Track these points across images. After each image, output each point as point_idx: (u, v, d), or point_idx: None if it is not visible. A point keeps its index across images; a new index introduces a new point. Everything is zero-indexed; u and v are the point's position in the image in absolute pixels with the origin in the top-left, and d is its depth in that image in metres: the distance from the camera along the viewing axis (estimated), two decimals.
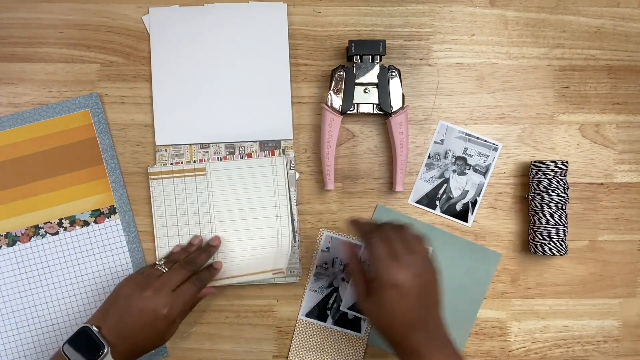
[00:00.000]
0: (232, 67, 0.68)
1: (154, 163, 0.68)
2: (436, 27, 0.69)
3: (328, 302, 0.68)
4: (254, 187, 0.67)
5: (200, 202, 0.67)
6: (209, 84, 0.68)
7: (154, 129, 0.68)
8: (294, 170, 0.68)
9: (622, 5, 0.70)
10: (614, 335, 0.70)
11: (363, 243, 0.60)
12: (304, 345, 0.68)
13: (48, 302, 0.66)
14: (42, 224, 0.67)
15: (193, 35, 0.68)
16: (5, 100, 0.67)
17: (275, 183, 0.67)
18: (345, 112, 0.66)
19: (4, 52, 0.68)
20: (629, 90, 0.70)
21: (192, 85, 0.68)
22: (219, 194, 0.67)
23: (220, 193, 0.67)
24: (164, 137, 0.67)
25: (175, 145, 0.67)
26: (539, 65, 0.70)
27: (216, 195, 0.67)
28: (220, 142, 0.68)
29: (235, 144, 0.67)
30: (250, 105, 0.68)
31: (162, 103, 0.68)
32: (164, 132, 0.67)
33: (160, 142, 0.67)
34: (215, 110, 0.68)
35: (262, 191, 0.67)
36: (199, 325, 0.68)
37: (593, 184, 0.70)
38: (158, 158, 0.67)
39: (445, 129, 0.69)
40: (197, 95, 0.68)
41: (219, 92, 0.68)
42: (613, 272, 0.70)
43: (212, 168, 0.67)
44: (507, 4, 0.70)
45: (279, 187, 0.67)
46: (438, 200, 0.69)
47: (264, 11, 0.68)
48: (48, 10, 0.68)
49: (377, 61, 0.65)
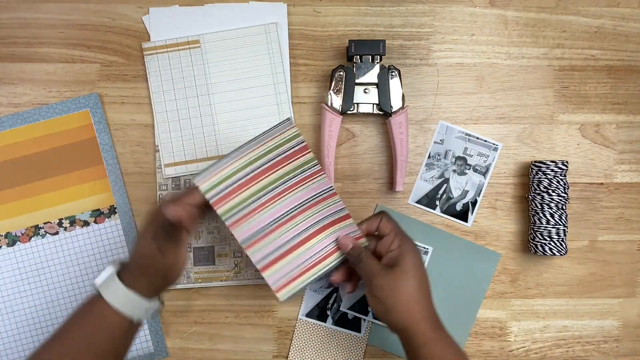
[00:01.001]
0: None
1: (154, 163, 0.68)
2: (436, 27, 0.69)
3: (328, 302, 0.68)
4: (248, 56, 0.68)
5: (196, 75, 0.67)
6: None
7: (153, 129, 0.68)
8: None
9: (622, 5, 0.70)
10: (614, 335, 0.70)
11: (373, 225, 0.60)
12: (304, 346, 0.68)
13: (48, 302, 0.66)
14: (42, 224, 0.67)
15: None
16: (5, 100, 0.67)
17: (269, 50, 0.67)
18: (345, 112, 0.66)
19: (4, 52, 0.68)
20: (629, 90, 0.70)
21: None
22: (215, 65, 0.67)
23: (215, 64, 0.67)
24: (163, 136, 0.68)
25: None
26: (539, 65, 0.70)
27: (212, 66, 0.67)
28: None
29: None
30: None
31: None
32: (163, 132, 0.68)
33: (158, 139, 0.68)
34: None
35: (257, 59, 0.68)
36: (199, 325, 0.68)
37: (593, 184, 0.70)
38: (158, 158, 0.68)
39: (445, 129, 0.68)
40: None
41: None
42: (613, 272, 0.70)
43: (205, 40, 0.67)
44: (507, 4, 0.70)
45: (273, 54, 0.67)
46: (438, 200, 0.69)
47: (264, 11, 0.68)
48: (48, 10, 0.68)
49: (377, 61, 0.65)
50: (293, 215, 0.57)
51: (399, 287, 0.54)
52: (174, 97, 0.68)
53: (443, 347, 0.53)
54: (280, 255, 0.57)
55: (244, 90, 0.68)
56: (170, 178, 0.68)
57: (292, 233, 0.57)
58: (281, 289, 0.57)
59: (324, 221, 0.58)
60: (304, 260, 0.58)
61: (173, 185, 0.68)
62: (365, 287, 0.57)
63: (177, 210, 0.54)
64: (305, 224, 0.58)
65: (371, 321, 0.68)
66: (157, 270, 0.55)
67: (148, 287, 0.54)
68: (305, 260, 0.58)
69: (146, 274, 0.55)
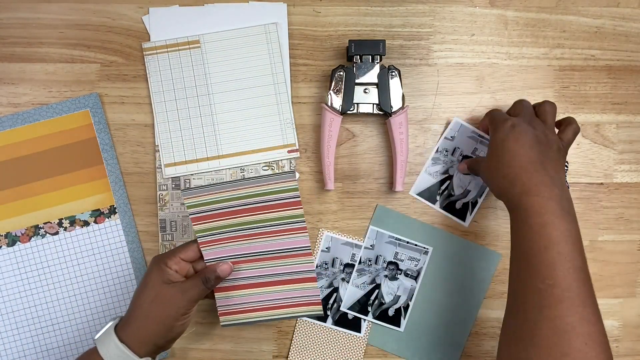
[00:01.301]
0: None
1: (154, 163, 0.68)
2: (436, 27, 0.69)
3: (328, 302, 0.68)
4: (249, 56, 0.68)
5: (196, 75, 0.67)
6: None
7: (153, 129, 0.68)
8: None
9: (622, 5, 0.70)
10: (614, 335, 0.70)
11: (489, 114, 0.65)
12: (304, 345, 0.68)
13: (48, 302, 0.66)
14: (42, 224, 0.67)
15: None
16: (5, 100, 0.67)
17: (270, 50, 0.67)
18: (345, 112, 0.66)
19: (4, 52, 0.68)
20: (629, 90, 0.70)
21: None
22: (215, 65, 0.67)
23: (215, 64, 0.67)
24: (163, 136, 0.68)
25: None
26: (539, 65, 0.70)
27: (212, 66, 0.67)
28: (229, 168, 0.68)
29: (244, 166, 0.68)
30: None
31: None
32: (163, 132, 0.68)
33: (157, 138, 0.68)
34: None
35: (257, 59, 0.68)
36: (199, 325, 0.68)
37: (593, 184, 0.70)
38: (158, 158, 0.68)
39: (459, 126, 0.68)
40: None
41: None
42: (613, 272, 0.70)
43: (205, 40, 0.67)
44: (507, 4, 0.70)
45: (273, 54, 0.67)
46: (439, 195, 0.69)
47: (264, 11, 0.68)
48: (48, 10, 0.68)
49: (377, 61, 0.65)
50: (263, 258, 0.59)
51: (496, 156, 0.57)
52: (174, 97, 0.68)
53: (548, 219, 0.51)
54: (238, 285, 0.59)
55: (244, 90, 0.68)
56: (170, 178, 0.68)
57: (256, 272, 0.59)
58: (225, 314, 0.59)
59: (290, 276, 0.59)
60: (257, 300, 0.59)
61: (173, 185, 0.68)
62: None
63: (230, 265, 0.57)
64: (271, 270, 0.59)
65: (371, 321, 0.68)
66: (168, 329, 0.54)
67: (143, 343, 0.53)
68: (258, 301, 0.59)
69: (151, 331, 0.53)
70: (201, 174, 0.68)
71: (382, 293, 0.68)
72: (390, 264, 0.68)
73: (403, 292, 0.68)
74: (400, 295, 0.68)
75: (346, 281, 0.68)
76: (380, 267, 0.68)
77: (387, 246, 0.68)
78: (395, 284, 0.68)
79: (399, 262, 0.68)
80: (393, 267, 0.68)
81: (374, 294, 0.68)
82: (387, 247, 0.68)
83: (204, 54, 0.68)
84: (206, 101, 0.68)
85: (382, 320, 0.68)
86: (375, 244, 0.68)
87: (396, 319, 0.68)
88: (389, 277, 0.68)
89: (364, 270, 0.68)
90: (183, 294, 0.54)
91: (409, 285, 0.68)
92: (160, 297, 0.54)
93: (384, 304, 0.68)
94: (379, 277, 0.68)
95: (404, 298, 0.68)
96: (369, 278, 0.68)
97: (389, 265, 0.68)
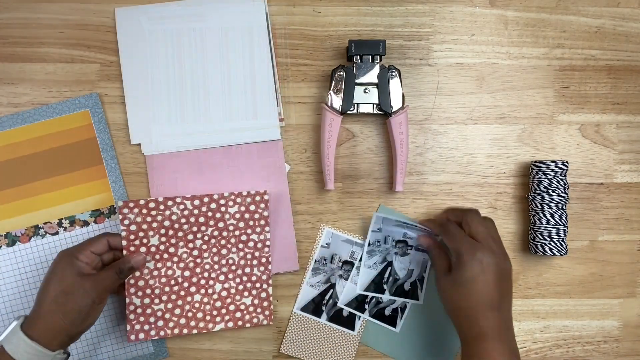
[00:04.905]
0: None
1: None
2: (436, 27, 0.69)
3: (324, 298, 0.68)
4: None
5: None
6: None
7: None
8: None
9: (622, 5, 0.70)
10: (614, 335, 0.70)
11: (443, 228, 0.62)
12: (297, 339, 0.68)
13: None
14: (42, 224, 0.67)
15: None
16: (5, 100, 0.67)
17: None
18: (345, 112, 0.66)
19: (4, 52, 0.68)
20: (629, 90, 0.70)
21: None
22: (201, 63, 0.67)
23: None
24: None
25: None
26: (539, 65, 0.70)
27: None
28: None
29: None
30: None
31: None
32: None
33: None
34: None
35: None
36: None
37: (593, 184, 0.70)
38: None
39: (381, 220, 0.67)
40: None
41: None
42: (613, 272, 0.70)
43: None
44: (507, 4, 0.70)
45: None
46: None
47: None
48: (48, 10, 0.68)
49: (377, 61, 0.65)
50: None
51: (456, 289, 0.58)
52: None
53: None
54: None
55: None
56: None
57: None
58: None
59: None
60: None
61: None
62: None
63: (144, 256, 0.63)
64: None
65: (366, 319, 0.68)
66: (83, 319, 0.56)
67: (55, 336, 0.55)
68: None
69: (63, 323, 0.55)
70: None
71: (394, 269, 0.68)
72: (400, 242, 0.68)
73: (416, 265, 0.68)
74: (414, 268, 0.68)
75: (344, 278, 0.68)
76: (390, 245, 0.68)
77: (395, 229, 0.68)
78: (407, 259, 0.68)
79: (407, 240, 0.68)
80: (402, 245, 0.68)
81: (387, 271, 0.68)
82: (395, 229, 0.68)
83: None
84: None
85: (379, 319, 0.68)
86: (383, 227, 0.68)
87: (392, 319, 0.68)
88: (399, 254, 0.68)
89: (374, 251, 0.68)
90: (98, 284, 0.57)
91: (422, 259, 0.68)
92: (73, 288, 0.56)
93: (399, 279, 0.68)
94: (390, 255, 0.68)
95: (418, 271, 0.68)
96: (380, 257, 0.68)
97: (398, 244, 0.68)
